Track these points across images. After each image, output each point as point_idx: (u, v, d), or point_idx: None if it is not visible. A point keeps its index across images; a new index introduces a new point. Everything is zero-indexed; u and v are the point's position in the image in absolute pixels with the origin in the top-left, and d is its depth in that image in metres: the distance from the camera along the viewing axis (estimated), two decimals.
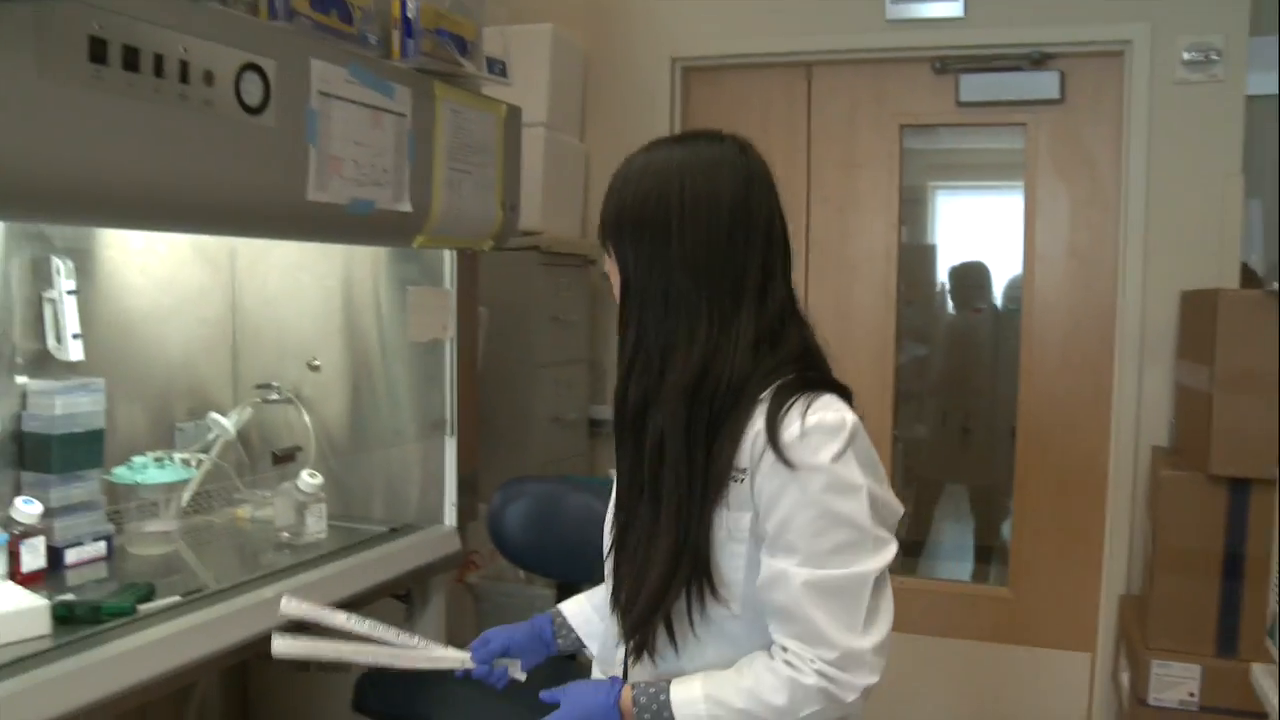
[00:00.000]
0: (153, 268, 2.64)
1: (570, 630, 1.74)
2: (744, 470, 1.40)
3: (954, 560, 4.14)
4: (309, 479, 2.50)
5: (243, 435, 2.81)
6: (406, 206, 2.29)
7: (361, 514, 2.80)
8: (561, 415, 3.70)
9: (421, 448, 2.80)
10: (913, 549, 4.22)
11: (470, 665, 1.66)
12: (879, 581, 1.38)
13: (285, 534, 2.54)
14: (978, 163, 4.34)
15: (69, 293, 2.33)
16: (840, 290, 3.91)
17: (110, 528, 2.36)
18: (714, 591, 1.42)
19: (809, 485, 1.36)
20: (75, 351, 2.35)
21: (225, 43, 1.82)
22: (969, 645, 3.82)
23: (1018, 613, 3.79)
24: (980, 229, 4.22)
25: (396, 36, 2.28)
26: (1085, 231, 3.66)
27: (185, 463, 2.51)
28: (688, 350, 1.42)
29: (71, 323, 2.34)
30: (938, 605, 3.86)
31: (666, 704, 1.40)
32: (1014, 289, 3.93)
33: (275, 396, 2.80)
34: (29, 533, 2.13)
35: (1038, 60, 3.57)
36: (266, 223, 2.12)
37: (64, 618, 1.86)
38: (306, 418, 2.78)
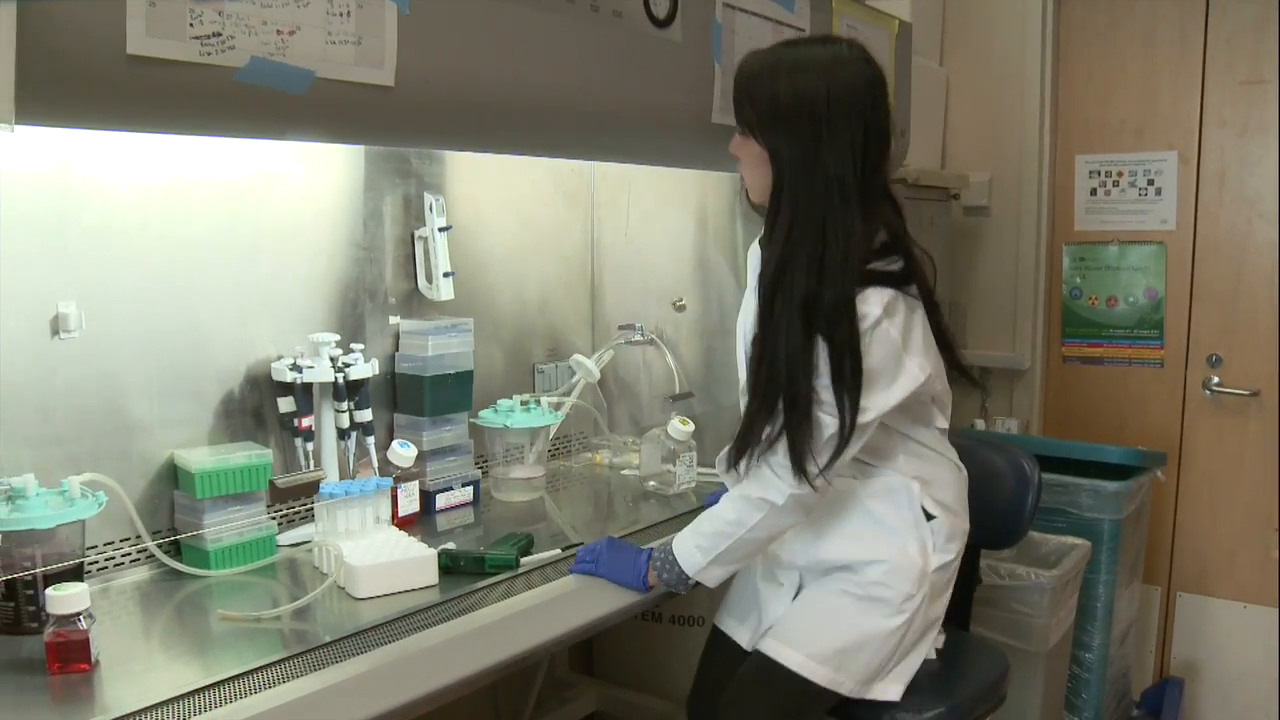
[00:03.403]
0: (513, 203, 2.55)
1: None
2: None
3: None
4: (680, 426, 2.37)
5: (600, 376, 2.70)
6: None
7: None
8: None
9: None
10: None
11: None
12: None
13: (652, 483, 2.42)
14: None
15: (441, 230, 2.26)
16: (1237, 226, 3.47)
17: (478, 473, 2.33)
18: None
19: None
20: (446, 290, 2.29)
21: None
22: None
23: None
24: None
25: None
26: None
27: (551, 406, 2.42)
28: (836, 249, 1.63)
29: (443, 261, 2.27)
30: None
31: (670, 549, 1.83)
32: None
33: (638, 337, 2.67)
34: (405, 476, 2.12)
35: None
36: (670, 148, 1.98)
37: (448, 567, 1.82)
38: (670, 359, 2.65)
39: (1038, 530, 2.99)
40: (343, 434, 2.07)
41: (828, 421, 1.68)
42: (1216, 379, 3.54)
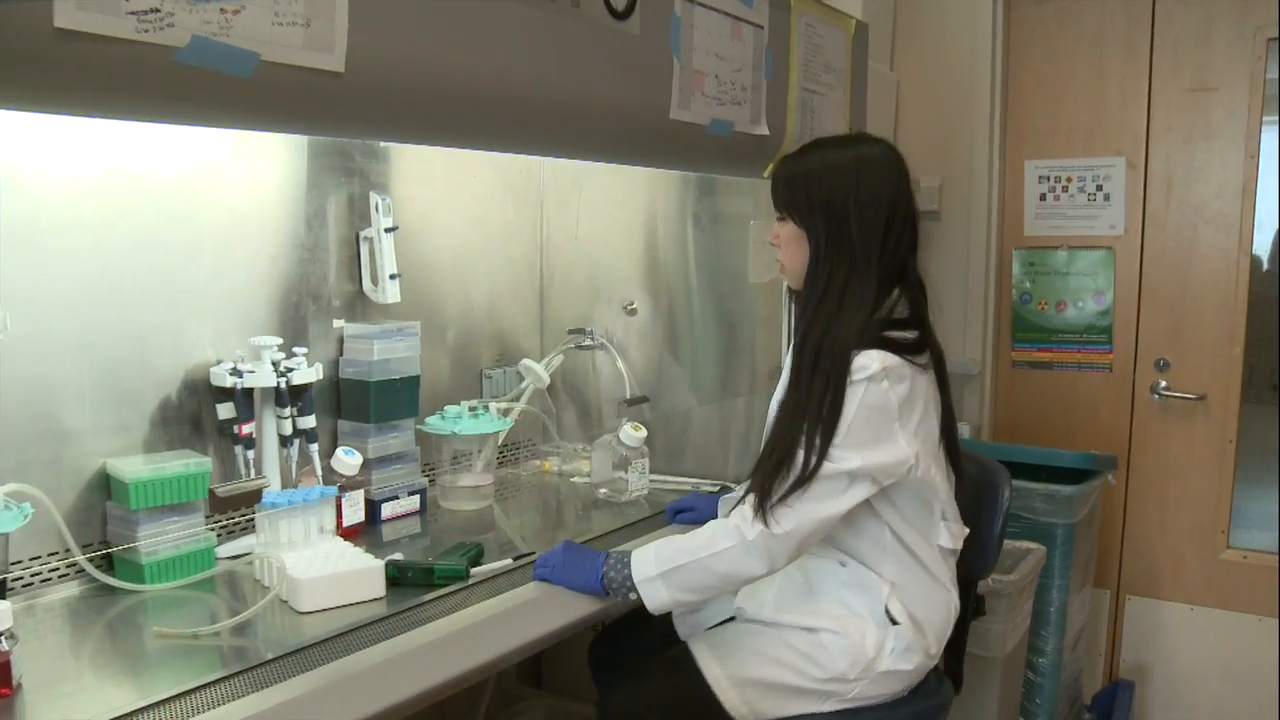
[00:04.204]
0: (461, 203, 2.49)
1: None
2: None
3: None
4: (632, 432, 2.32)
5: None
6: (763, 129, 2.09)
7: (673, 469, 2.58)
8: None
9: (749, 399, 2.57)
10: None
11: None
12: (824, 479, 1.72)
13: (603, 491, 2.37)
14: None
15: (387, 230, 2.19)
16: (1183, 232, 3.49)
17: (424, 481, 2.26)
18: None
19: None
20: (393, 293, 2.22)
21: None
22: None
23: None
24: None
25: None
26: None
27: (500, 412, 2.36)
28: (851, 310, 1.77)
29: (389, 263, 2.20)
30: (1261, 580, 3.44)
31: (629, 551, 1.81)
32: None
33: (588, 342, 2.62)
34: (350, 485, 2.05)
35: None
36: (628, 144, 1.93)
37: (395, 579, 1.76)
38: (621, 365, 2.59)
39: None
40: (285, 441, 1.99)
41: (796, 459, 1.73)
42: (1164, 383, 3.55)
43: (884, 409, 1.74)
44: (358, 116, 1.60)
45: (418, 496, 2.21)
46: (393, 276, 2.21)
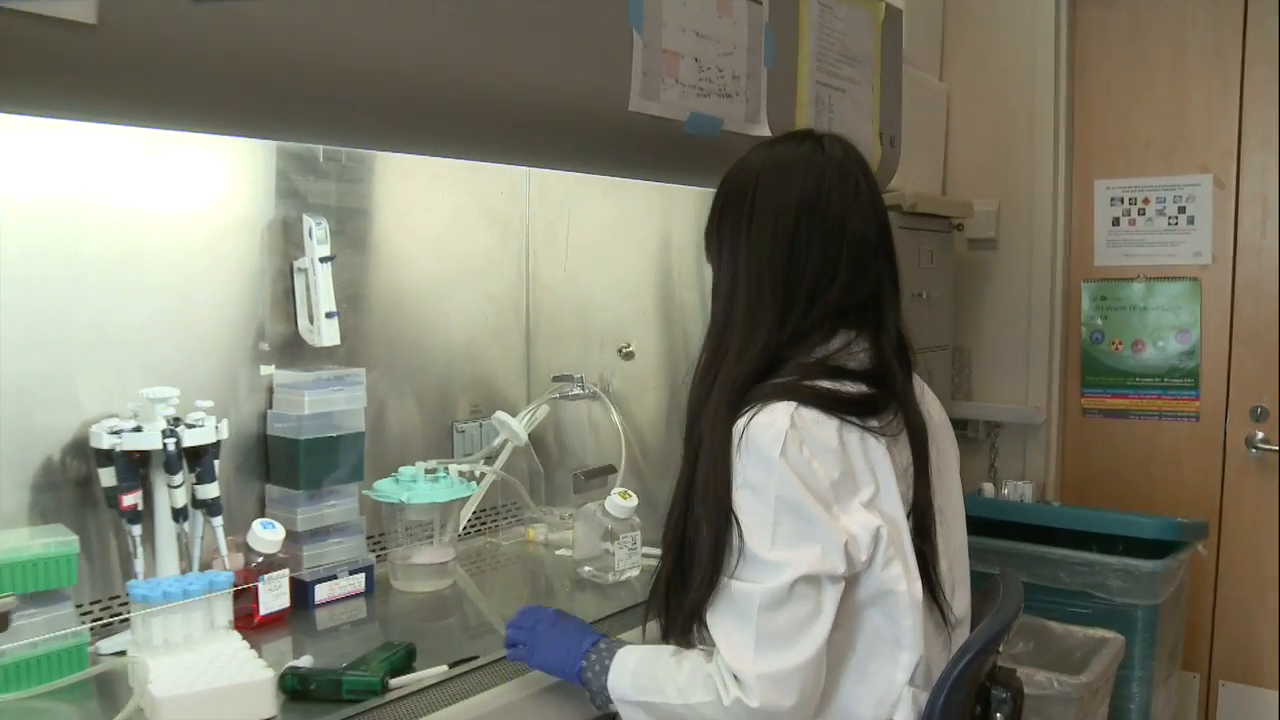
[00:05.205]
0: (428, 230, 2.18)
1: None
2: None
3: None
4: (620, 501, 2.00)
5: (536, 438, 2.32)
6: (763, 129, 1.78)
7: None
8: None
9: None
10: None
11: None
12: (778, 604, 1.31)
13: (587, 569, 2.03)
14: None
15: (322, 259, 1.87)
16: None
17: (371, 558, 1.95)
18: None
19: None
20: (329, 334, 1.91)
21: None
22: None
23: None
24: None
25: None
26: None
27: (464, 475, 2.03)
28: (737, 350, 1.44)
29: (325, 298, 1.88)
30: None
31: (615, 650, 1.47)
32: None
33: (578, 391, 2.31)
34: (270, 565, 1.74)
35: None
36: (570, 144, 1.60)
37: (295, 692, 1.43)
38: (616, 417, 2.29)
39: (1060, 620, 2.59)
40: (177, 515, 1.65)
41: (693, 581, 1.40)
42: (1261, 435, 3.24)
43: (812, 482, 1.34)
44: (124, 94, 1.19)
45: (362, 576, 1.89)
46: (329, 315, 1.88)
